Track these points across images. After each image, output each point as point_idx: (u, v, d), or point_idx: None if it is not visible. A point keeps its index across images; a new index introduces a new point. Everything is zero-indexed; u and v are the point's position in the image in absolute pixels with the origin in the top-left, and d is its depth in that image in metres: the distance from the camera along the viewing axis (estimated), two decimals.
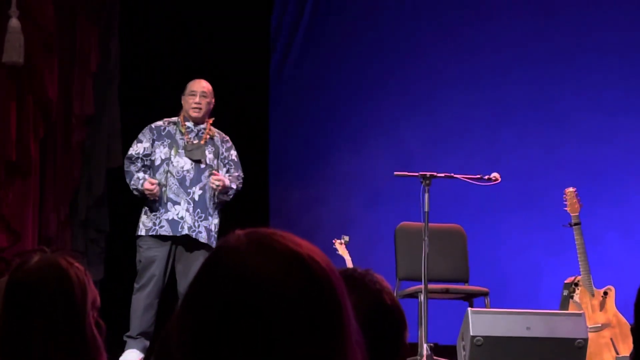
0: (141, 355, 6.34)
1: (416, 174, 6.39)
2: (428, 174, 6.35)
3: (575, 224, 6.91)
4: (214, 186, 6.58)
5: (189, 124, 6.73)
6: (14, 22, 6.82)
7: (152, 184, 6.53)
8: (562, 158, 8.22)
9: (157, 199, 6.56)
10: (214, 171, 6.63)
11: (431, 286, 6.44)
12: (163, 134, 6.72)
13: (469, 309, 6.17)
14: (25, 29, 6.89)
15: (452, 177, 6.47)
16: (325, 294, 1.27)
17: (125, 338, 6.54)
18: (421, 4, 8.70)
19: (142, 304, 6.52)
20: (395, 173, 6.55)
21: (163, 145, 6.68)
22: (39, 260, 2.17)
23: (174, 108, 6.88)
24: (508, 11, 8.51)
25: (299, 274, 1.26)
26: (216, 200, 6.64)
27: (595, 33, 8.31)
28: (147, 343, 6.40)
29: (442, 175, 6.42)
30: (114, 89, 7.93)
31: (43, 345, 2.08)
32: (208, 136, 6.73)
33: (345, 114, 8.71)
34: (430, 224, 6.31)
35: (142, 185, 6.57)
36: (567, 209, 6.98)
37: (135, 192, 6.67)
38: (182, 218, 6.57)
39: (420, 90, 8.57)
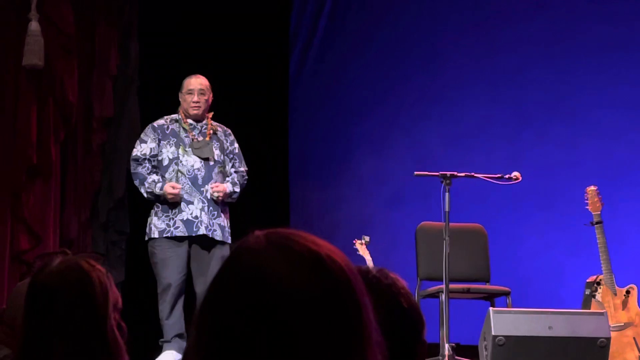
0: (179, 356, 6.33)
1: (436, 173, 6.38)
2: (448, 173, 6.34)
3: (597, 223, 6.88)
4: (215, 197, 6.55)
5: (191, 120, 6.71)
6: (34, 25, 6.85)
7: (176, 189, 6.50)
8: (583, 156, 8.18)
9: (179, 201, 6.53)
10: (211, 184, 6.58)
11: (452, 286, 6.42)
12: (167, 132, 6.68)
13: (491, 308, 6.15)
14: (45, 32, 6.91)
15: (473, 176, 6.45)
16: (344, 294, 1.26)
17: (160, 343, 6.54)
18: (441, 3, 8.68)
19: (166, 310, 6.49)
20: (416, 173, 6.54)
21: (169, 145, 6.65)
22: (61, 263, 2.17)
23: None
24: (527, 10, 8.48)
25: (318, 274, 1.26)
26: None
27: (615, 30, 8.27)
28: (183, 343, 6.36)
29: (463, 174, 6.40)
30: (134, 90, 7.95)
31: (65, 348, 2.08)
32: (211, 131, 6.72)
33: (365, 113, 8.70)
34: (450, 224, 6.29)
35: (160, 189, 6.54)
36: (589, 207, 6.95)
37: (149, 196, 6.62)
38: (196, 217, 6.53)
39: (440, 90, 8.55)
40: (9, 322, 2.81)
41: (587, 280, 6.90)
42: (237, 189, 6.68)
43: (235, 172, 6.72)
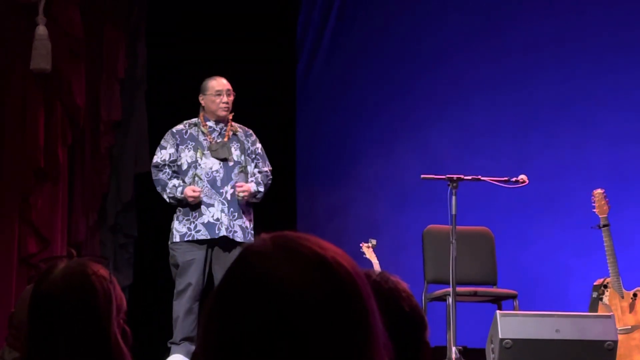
0: None
1: (443, 176, 6.38)
2: (455, 176, 6.34)
3: (604, 226, 6.88)
4: (240, 198, 6.56)
5: (210, 123, 6.72)
6: (41, 29, 6.86)
7: (196, 192, 6.51)
8: (590, 159, 8.17)
9: (200, 202, 6.54)
10: (236, 183, 6.60)
11: (459, 289, 6.42)
12: (186, 137, 6.70)
13: (498, 311, 6.15)
14: (53, 36, 6.93)
15: (480, 179, 6.45)
16: (351, 297, 1.27)
17: (169, 344, 6.53)
18: (448, 5, 8.68)
19: (182, 309, 6.49)
20: (422, 176, 6.54)
21: (188, 149, 6.67)
22: (63, 269, 2.17)
23: None
24: (535, 12, 8.47)
25: (325, 277, 1.26)
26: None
27: (623, 32, 8.26)
28: (192, 347, 6.37)
29: (470, 177, 6.40)
30: (141, 94, 7.96)
31: (68, 354, 2.09)
32: (231, 132, 6.72)
33: (372, 117, 8.70)
34: (457, 227, 6.29)
35: (181, 192, 6.55)
36: (596, 210, 6.95)
37: (171, 201, 6.63)
38: (217, 220, 6.54)
39: (447, 93, 8.55)
40: (17, 325, 2.82)
41: (594, 283, 6.90)
42: (262, 189, 6.69)
43: (259, 172, 6.73)
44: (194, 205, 6.55)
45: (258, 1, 8.51)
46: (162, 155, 6.69)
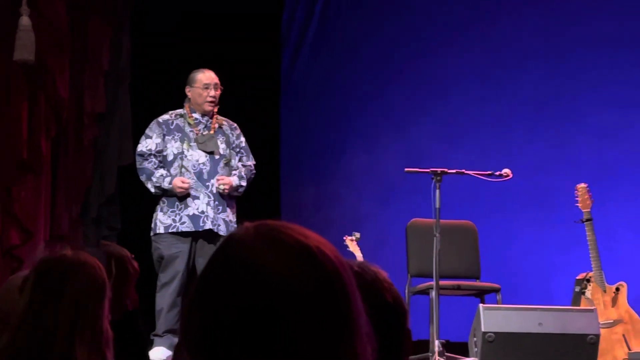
0: (169, 353, 6.32)
1: (427, 170, 6.39)
2: (439, 170, 6.34)
3: (587, 220, 6.90)
4: (221, 190, 6.55)
5: (196, 115, 6.69)
6: (25, 20, 6.83)
7: (185, 183, 6.50)
8: (573, 154, 8.20)
9: (189, 193, 6.52)
10: (217, 177, 6.58)
11: (443, 283, 6.43)
12: (172, 127, 6.67)
13: (481, 305, 6.17)
14: (37, 27, 6.89)
15: (463, 173, 6.45)
16: (334, 286, 1.26)
17: (152, 337, 6.51)
18: (432, 2, 8.69)
19: (166, 301, 6.47)
20: (406, 169, 6.54)
21: (174, 140, 6.64)
22: (71, 254, 2.25)
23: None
24: (519, 7, 8.49)
25: (307, 266, 1.26)
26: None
27: (607, 28, 8.29)
28: (175, 340, 6.36)
29: (453, 171, 6.41)
30: (125, 86, 7.94)
31: (68, 335, 2.15)
32: (216, 125, 6.71)
33: (356, 111, 8.71)
34: (441, 221, 6.30)
35: (169, 183, 6.53)
36: (579, 205, 6.97)
37: (156, 191, 6.60)
38: (203, 212, 6.53)
39: (431, 87, 8.56)
40: (0, 315, 2.83)
41: (577, 278, 6.92)
42: (244, 183, 6.67)
43: (242, 165, 6.72)
44: (179, 197, 6.53)
45: None
46: (147, 145, 6.66)
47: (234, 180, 6.60)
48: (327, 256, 1.28)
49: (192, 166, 6.58)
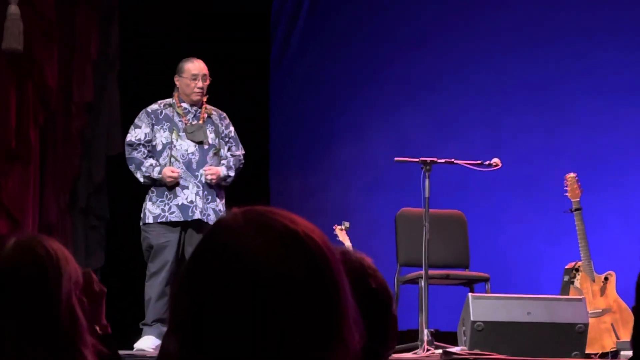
0: (158, 342, 6.31)
1: (416, 159, 6.38)
2: (428, 159, 6.34)
3: (576, 210, 6.91)
4: (208, 181, 6.54)
5: (185, 104, 6.67)
6: (13, 9, 6.80)
7: (175, 172, 6.48)
8: (562, 143, 8.21)
9: (178, 183, 6.50)
10: (205, 167, 6.57)
11: (432, 272, 6.43)
12: (161, 117, 6.65)
13: (470, 294, 6.17)
14: (25, 16, 6.86)
15: (453, 162, 6.46)
16: (322, 271, 1.26)
17: (141, 326, 6.51)
18: None
19: (155, 291, 6.47)
20: (396, 159, 6.54)
21: (163, 130, 6.62)
22: (13, 245, 2.13)
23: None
24: None
25: (295, 251, 1.25)
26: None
27: (596, 17, 8.29)
28: (164, 329, 6.34)
29: (443, 160, 6.41)
30: (114, 75, 7.92)
31: (17, 331, 2.05)
32: (205, 115, 6.69)
33: (345, 101, 8.70)
34: (430, 210, 6.30)
35: (158, 173, 6.51)
36: (568, 194, 6.98)
37: (145, 180, 6.58)
38: (192, 202, 6.51)
39: (420, 77, 8.56)
40: None
41: (566, 267, 6.93)
42: (232, 173, 6.65)
43: (231, 155, 6.70)
44: (168, 187, 6.52)
45: None
46: (136, 134, 6.64)
47: (221, 170, 6.58)
48: (315, 242, 1.27)
49: (181, 156, 6.57)
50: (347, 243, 6.77)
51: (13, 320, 2.05)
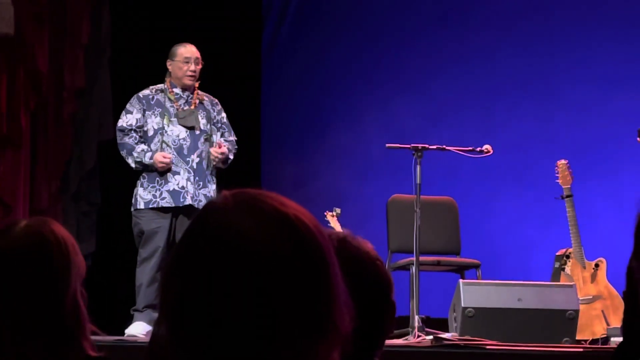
0: (149, 327, 6.30)
1: (408, 145, 6.38)
2: (420, 146, 6.34)
3: (567, 196, 6.92)
4: (215, 159, 6.53)
5: (177, 90, 6.66)
6: None
7: (166, 158, 6.47)
8: (554, 130, 8.22)
9: (170, 168, 6.49)
10: (217, 142, 6.58)
11: (423, 258, 6.44)
12: (152, 102, 6.64)
13: (461, 280, 6.17)
14: (16, 0, 6.84)
15: (444, 149, 6.45)
16: (312, 254, 1.26)
17: (132, 312, 6.50)
18: None
19: (146, 277, 6.46)
20: (387, 145, 6.53)
21: (154, 115, 6.60)
22: (23, 228, 2.11)
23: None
24: None
25: (286, 233, 1.25)
26: (212, 169, 6.61)
27: (586, 5, 8.29)
28: (155, 315, 6.33)
29: (434, 147, 6.40)
30: (105, 60, 7.90)
31: (19, 314, 2.03)
32: (197, 101, 6.68)
33: (337, 87, 8.69)
34: (422, 197, 6.30)
35: (150, 158, 6.50)
36: (559, 181, 6.98)
37: (137, 166, 6.57)
38: (183, 188, 6.51)
39: (413, 64, 8.55)
40: None
41: (557, 254, 6.94)
42: (231, 156, 6.69)
43: (225, 141, 6.70)
44: (160, 172, 6.51)
45: None
46: (128, 120, 6.62)
47: (228, 151, 6.62)
48: (305, 224, 1.27)
49: (172, 141, 6.56)
50: (339, 229, 6.77)
51: (17, 303, 2.03)
